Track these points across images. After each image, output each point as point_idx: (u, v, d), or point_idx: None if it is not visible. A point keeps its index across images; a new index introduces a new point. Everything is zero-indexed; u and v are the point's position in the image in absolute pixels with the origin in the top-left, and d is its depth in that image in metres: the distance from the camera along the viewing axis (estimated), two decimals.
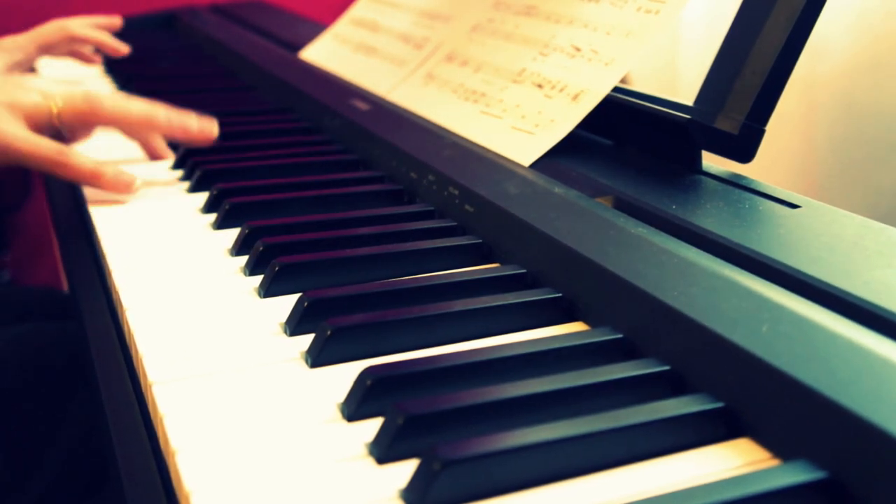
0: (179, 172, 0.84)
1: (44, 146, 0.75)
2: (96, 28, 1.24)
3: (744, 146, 0.61)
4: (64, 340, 0.87)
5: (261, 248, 0.62)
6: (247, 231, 0.65)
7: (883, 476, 0.35)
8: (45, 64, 1.35)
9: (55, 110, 0.77)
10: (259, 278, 0.60)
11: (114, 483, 0.48)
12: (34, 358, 0.85)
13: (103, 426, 0.52)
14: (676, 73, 1.70)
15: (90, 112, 0.78)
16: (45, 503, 0.77)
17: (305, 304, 0.53)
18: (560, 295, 0.54)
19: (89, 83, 1.25)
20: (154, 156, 0.88)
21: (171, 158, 0.88)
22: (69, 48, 1.23)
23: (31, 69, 1.21)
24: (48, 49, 1.18)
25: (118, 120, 0.79)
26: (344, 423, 0.44)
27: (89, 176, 0.75)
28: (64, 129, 0.78)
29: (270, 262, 0.59)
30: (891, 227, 0.52)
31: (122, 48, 1.26)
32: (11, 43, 1.13)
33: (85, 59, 1.27)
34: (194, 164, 0.83)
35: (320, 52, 1.14)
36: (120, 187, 0.76)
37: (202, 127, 0.82)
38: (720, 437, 0.42)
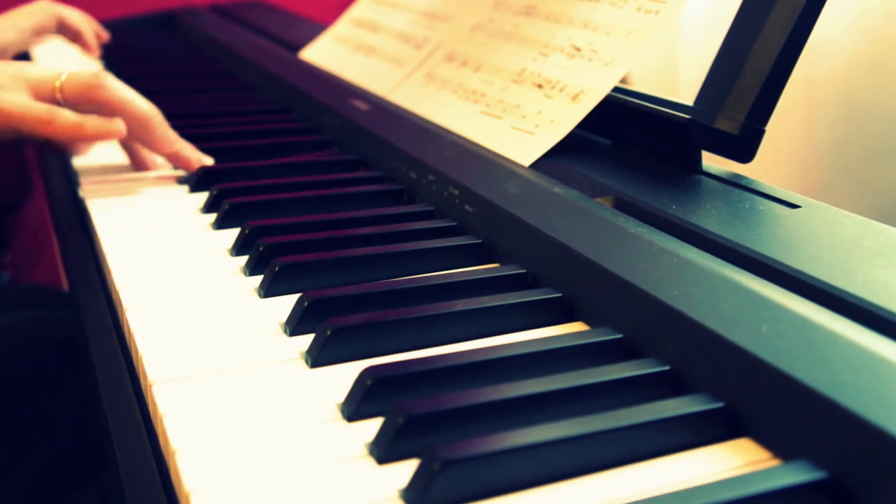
0: (179, 172, 0.84)
1: (35, 108, 0.75)
2: (83, 20, 1.23)
3: (744, 146, 0.61)
4: (53, 329, 0.87)
5: (261, 248, 0.62)
6: (247, 231, 0.66)
7: (883, 476, 0.35)
8: (41, 54, 1.36)
9: (58, 84, 0.77)
10: (259, 278, 0.60)
11: (114, 483, 0.48)
12: (23, 346, 0.85)
13: (103, 426, 0.52)
14: (676, 73, 1.70)
15: (96, 86, 0.78)
16: (34, 490, 0.77)
17: (305, 304, 0.53)
18: (560, 295, 0.54)
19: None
20: (141, 166, 0.86)
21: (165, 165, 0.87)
22: (58, 33, 1.21)
23: (21, 55, 1.18)
24: (41, 33, 1.16)
25: (120, 106, 0.78)
26: (344, 423, 0.44)
27: (73, 128, 0.76)
28: (66, 104, 0.78)
29: (270, 262, 0.59)
30: (891, 227, 0.52)
31: (103, 34, 1.26)
32: (5, 21, 1.11)
33: (86, 47, 1.24)
34: None
35: (320, 52, 1.14)
36: (105, 133, 0.77)
37: (198, 158, 0.82)
38: (720, 437, 0.42)
